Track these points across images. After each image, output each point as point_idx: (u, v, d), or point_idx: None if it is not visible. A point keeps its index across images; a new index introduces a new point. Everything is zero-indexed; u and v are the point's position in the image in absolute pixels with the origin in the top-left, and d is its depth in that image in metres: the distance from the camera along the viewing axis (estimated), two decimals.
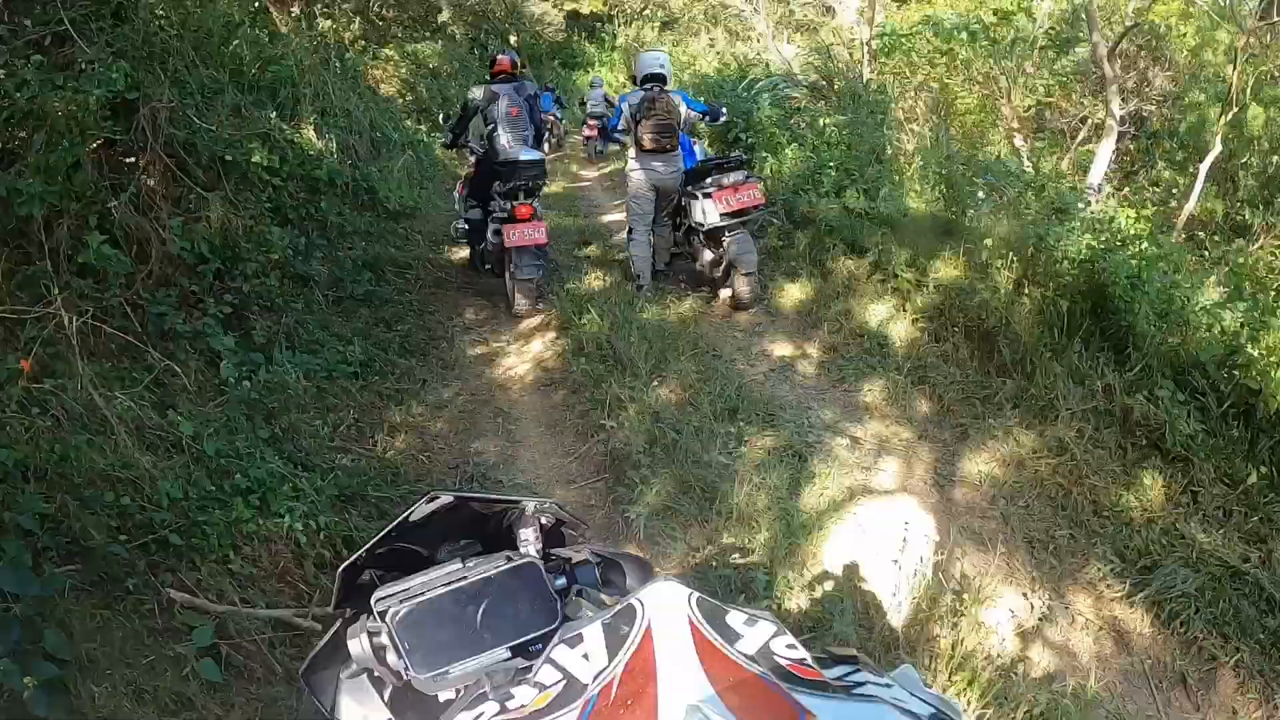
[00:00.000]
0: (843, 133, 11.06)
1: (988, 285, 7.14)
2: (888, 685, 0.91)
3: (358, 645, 1.40)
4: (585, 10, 31.26)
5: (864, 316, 7.44)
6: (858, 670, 0.96)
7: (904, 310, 7.42)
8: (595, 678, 0.90)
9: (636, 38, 31.13)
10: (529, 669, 1.01)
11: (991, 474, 5.27)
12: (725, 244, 7.39)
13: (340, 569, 1.50)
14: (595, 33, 32.28)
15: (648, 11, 31.83)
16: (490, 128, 8.05)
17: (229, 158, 6.07)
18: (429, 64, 17.18)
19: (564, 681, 0.92)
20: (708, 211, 7.21)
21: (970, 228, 8.33)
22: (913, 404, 6.16)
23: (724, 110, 8.49)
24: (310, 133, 8.93)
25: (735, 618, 0.98)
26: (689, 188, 7.62)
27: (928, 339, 6.98)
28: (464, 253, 9.54)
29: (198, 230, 5.49)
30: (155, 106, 5.38)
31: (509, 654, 1.37)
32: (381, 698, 1.42)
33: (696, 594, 1.00)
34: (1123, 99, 13.82)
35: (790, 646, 0.94)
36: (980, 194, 8.37)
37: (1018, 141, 14.24)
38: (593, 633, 0.97)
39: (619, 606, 1.01)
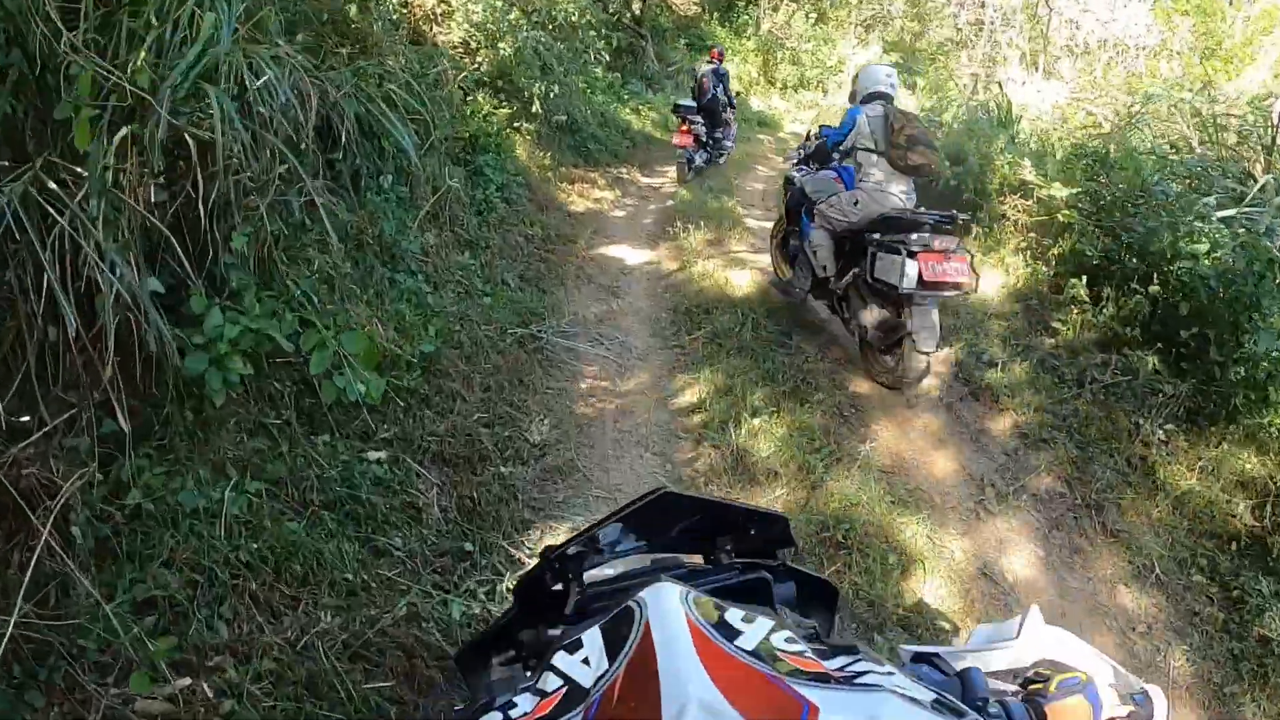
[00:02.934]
0: None
1: None
2: (890, 674, 0.88)
3: (533, 635, 1.41)
4: None
5: None
6: (859, 659, 0.93)
7: None
8: (597, 682, 0.88)
9: (786, 24, 25.90)
10: (532, 677, 0.99)
11: None
12: (908, 312, 5.48)
13: (548, 552, 1.45)
14: (732, 13, 26.23)
15: None
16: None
17: None
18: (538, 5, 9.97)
19: (565, 688, 0.90)
20: (908, 273, 5.27)
21: None
22: None
23: None
24: None
25: (733, 614, 0.96)
26: (880, 237, 5.64)
27: None
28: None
29: None
30: None
31: None
32: None
33: (693, 592, 0.99)
34: None
35: (790, 640, 0.92)
36: None
37: None
38: (591, 637, 0.96)
39: (616, 609, 0.99)
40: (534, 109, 9.48)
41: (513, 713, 0.90)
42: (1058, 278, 6.93)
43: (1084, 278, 6.35)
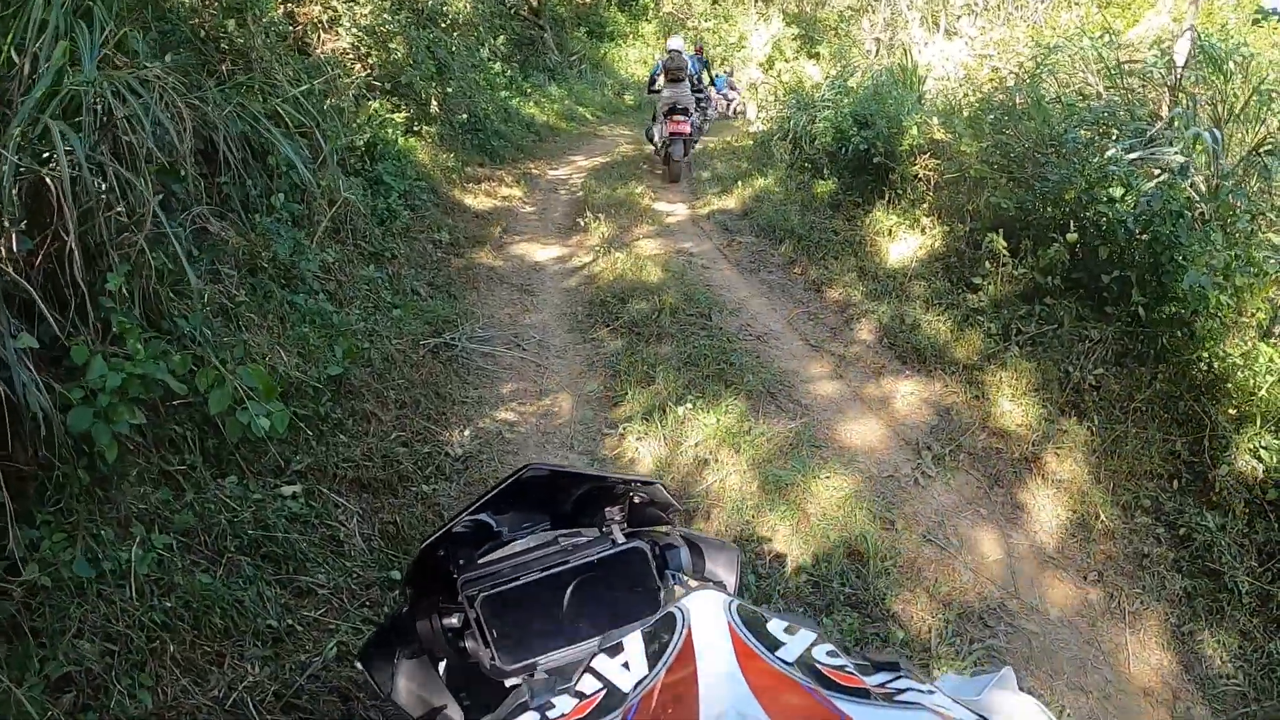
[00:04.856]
0: None
1: None
2: (930, 692, 0.86)
3: (426, 626, 1.41)
4: None
5: None
6: (900, 676, 0.91)
7: None
8: (636, 686, 0.88)
9: (685, 5, 26.41)
10: (569, 678, 0.98)
11: None
12: (671, 145, 11.35)
13: (422, 547, 1.41)
14: None
15: None
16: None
17: None
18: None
19: (604, 691, 0.90)
20: (663, 129, 11.55)
21: None
22: None
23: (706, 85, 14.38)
24: None
25: (775, 625, 0.96)
26: (664, 116, 11.45)
27: None
28: None
29: None
30: None
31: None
32: (440, 678, 1.42)
33: (736, 601, 0.99)
34: None
35: (831, 654, 0.92)
36: None
37: None
38: (633, 642, 0.96)
39: (659, 615, 0.99)
40: (432, 110, 9.23)
41: (550, 714, 0.90)
42: (975, 234, 6.88)
43: (1001, 231, 6.29)
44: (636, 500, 1.56)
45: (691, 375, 5.29)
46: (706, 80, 15.80)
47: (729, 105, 19.37)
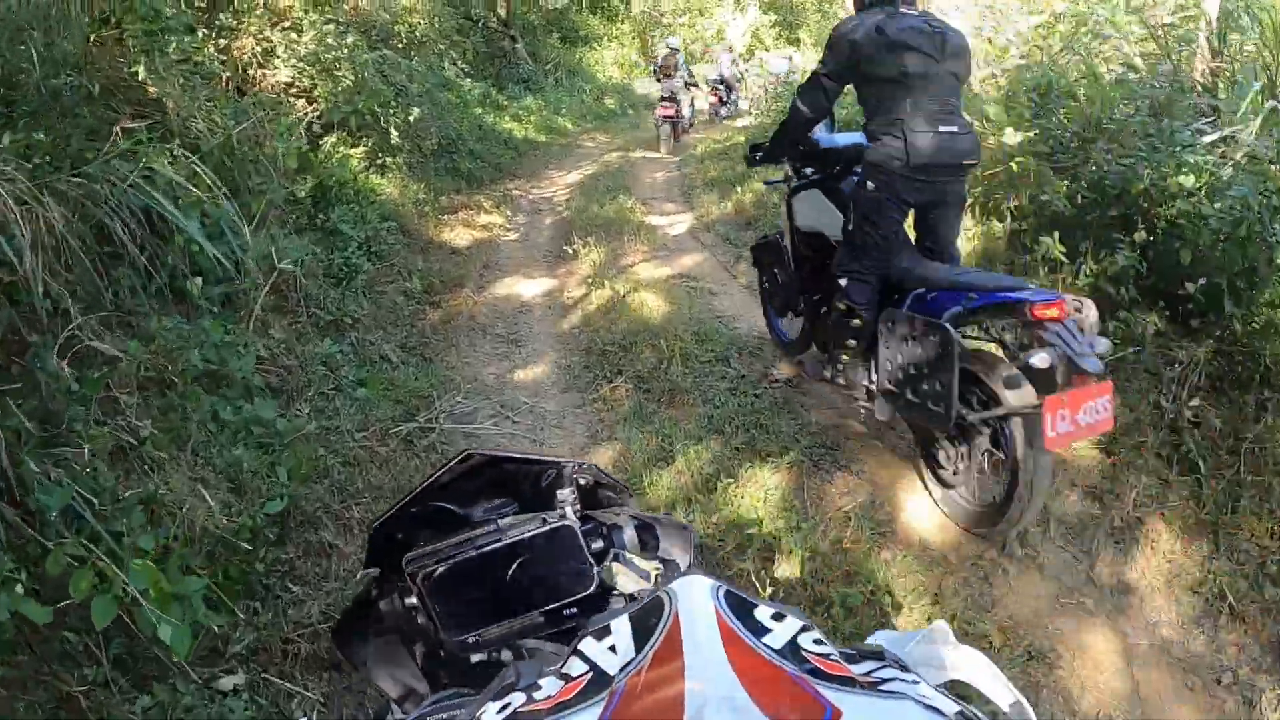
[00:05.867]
0: None
1: None
2: (914, 682, 0.86)
3: (389, 605, 1.45)
4: None
5: None
6: (885, 666, 0.91)
7: None
8: (622, 670, 0.85)
9: (655, 6, 26.21)
10: (558, 661, 0.96)
11: None
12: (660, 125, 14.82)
13: (371, 529, 1.48)
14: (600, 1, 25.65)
15: None
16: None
17: None
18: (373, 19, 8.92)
19: (591, 674, 0.87)
20: (655, 114, 14.84)
21: None
22: None
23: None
24: None
25: (763, 612, 0.94)
26: (659, 103, 15.04)
27: None
28: None
29: None
30: None
31: (541, 618, 1.39)
32: (413, 657, 1.46)
33: (725, 587, 0.97)
34: None
35: (818, 642, 0.89)
36: None
37: None
38: (620, 625, 0.94)
39: (647, 599, 0.97)
40: (393, 139, 8.35)
41: (537, 695, 0.88)
42: (1018, 235, 6.00)
43: (1056, 234, 5.39)
44: (582, 483, 1.54)
45: (717, 449, 4.43)
46: (737, 76, 19.94)
47: None
